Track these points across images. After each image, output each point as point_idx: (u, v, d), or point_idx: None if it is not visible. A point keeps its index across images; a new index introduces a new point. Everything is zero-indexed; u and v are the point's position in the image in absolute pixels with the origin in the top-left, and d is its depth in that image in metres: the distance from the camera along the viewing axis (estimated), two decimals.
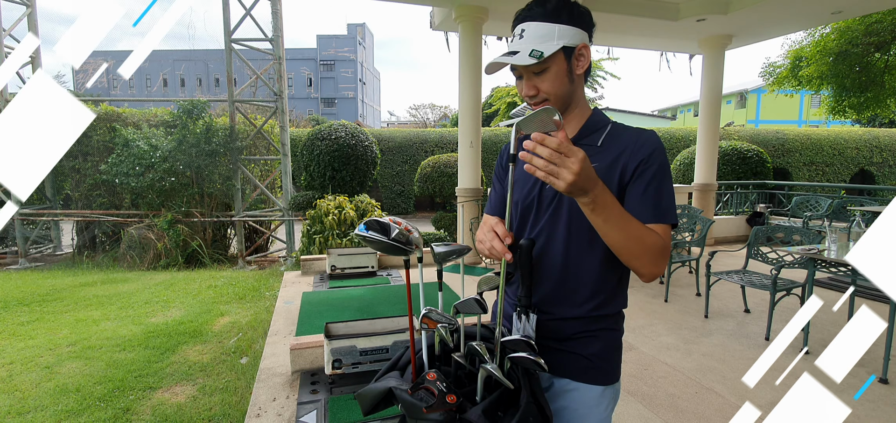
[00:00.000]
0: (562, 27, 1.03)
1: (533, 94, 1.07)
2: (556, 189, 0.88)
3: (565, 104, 1.09)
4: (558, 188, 0.87)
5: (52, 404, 2.89)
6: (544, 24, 1.02)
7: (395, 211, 14.53)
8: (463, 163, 5.75)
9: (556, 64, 1.04)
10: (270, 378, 2.64)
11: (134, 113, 8.91)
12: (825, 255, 3.13)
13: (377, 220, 1.05)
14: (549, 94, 1.06)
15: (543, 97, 1.07)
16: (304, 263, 5.12)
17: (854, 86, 9.33)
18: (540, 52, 1.01)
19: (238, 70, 8.20)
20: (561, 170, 0.85)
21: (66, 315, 4.61)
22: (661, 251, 0.99)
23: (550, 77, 1.05)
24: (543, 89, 1.06)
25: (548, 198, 1.10)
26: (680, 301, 4.32)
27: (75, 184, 8.57)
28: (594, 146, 1.09)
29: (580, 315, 1.09)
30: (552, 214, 1.09)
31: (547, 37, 1.02)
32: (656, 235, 0.99)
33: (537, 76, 1.05)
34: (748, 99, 30.43)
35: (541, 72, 1.05)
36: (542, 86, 1.06)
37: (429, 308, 1.04)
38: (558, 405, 1.12)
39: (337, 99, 42.37)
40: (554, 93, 1.06)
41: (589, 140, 1.10)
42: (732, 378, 2.82)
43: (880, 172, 16.90)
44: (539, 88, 1.06)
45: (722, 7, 5.55)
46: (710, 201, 7.17)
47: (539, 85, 1.06)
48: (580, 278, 1.08)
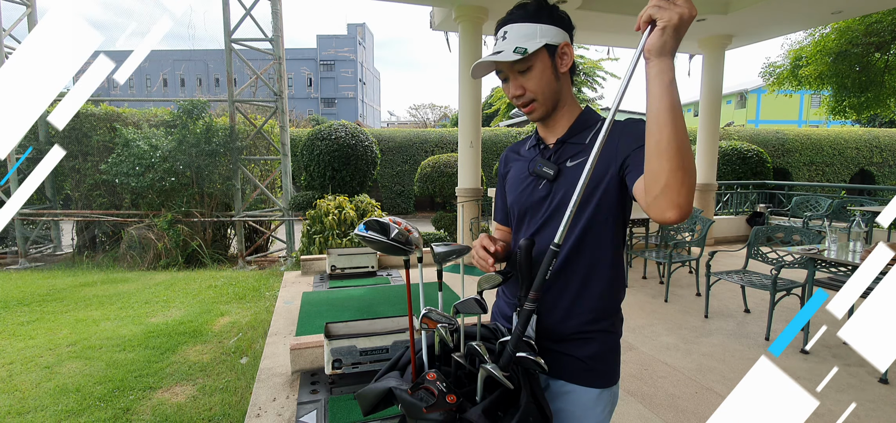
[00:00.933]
0: (543, 26, 1.05)
1: (520, 93, 1.08)
2: (667, 23, 0.80)
3: (553, 102, 1.10)
4: (671, 22, 0.79)
5: (52, 404, 2.89)
6: (526, 24, 1.05)
7: (395, 211, 14.53)
8: (463, 163, 5.75)
9: (540, 61, 1.05)
10: (270, 378, 2.64)
11: (134, 113, 8.91)
12: (825, 255, 3.13)
13: (377, 220, 1.06)
14: (535, 93, 1.07)
15: (531, 97, 1.08)
16: (304, 263, 5.12)
17: (854, 86, 9.33)
18: (523, 48, 1.03)
19: (238, 70, 8.20)
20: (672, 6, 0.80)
21: (66, 315, 4.61)
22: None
23: (536, 75, 1.06)
24: (530, 88, 1.07)
25: (544, 199, 1.10)
26: (680, 301, 4.32)
27: (75, 184, 8.57)
28: (582, 144, 1.09)
29: (576, 315, 1.09)
30: (549, 215, 1.09)
31: (530, 36, 1.04)
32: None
33: (523, 75, 1.07)
34: (748, 99, 30.42)
35: (526, 70, 1.06)
36: (528, 85, 1.07)
37: (429, 308, 1.04)
38: (555, 406, 1.11)
39: (337, 99, 42.37)
40: (540, 91, 1.07)
41: (578, 138, 1.10)
42: (732, 378, 2.82)
43: (880, 172, 16.90)
44: (526, 87, 1.07)
45: (722, 7, 5.55)
46: (710, 201, 7.17)
47: (525, 84, 1.07)
48: (577, 278, 1.08)
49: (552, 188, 1.09)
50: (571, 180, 1.06)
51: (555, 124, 1.14)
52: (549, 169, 1.09)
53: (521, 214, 1.15)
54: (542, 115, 1.11)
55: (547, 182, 1.10)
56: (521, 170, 1.18)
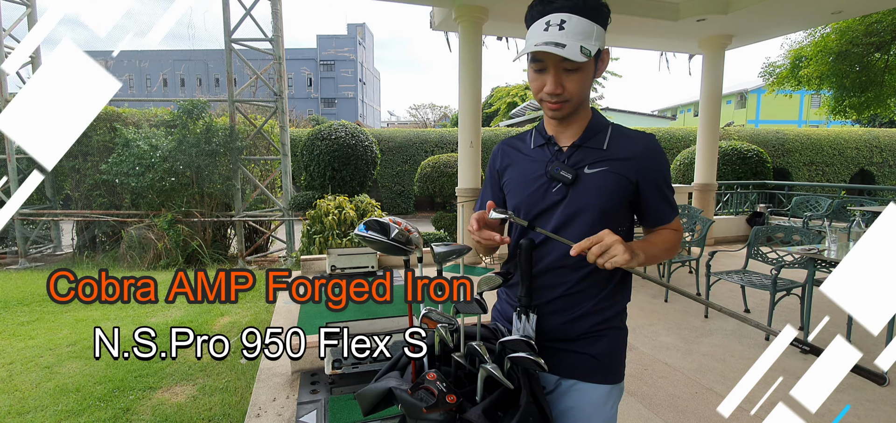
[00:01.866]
0: (599, 28, 1.00)
1: (559, 92, 1.03)
2: (618, 265, 0.95)
3: (580, 105, 1.08)
4: (619, 264, 0.95)
5: (52, 404, 2.89)
6: (587, 21, 0.98)
7: (395, 211, 14.52)
8: (463, 163, 5.75)
9: (588, 65, 1.02)
10: (270, 378, 2.64)
11: (134, 113, 8.90)
12: (825, 255, 3.13)
13: (377, 220, 1.06)
14: (573, 95, 1.04)
15: (567, 97, 1.04)
16: (304, 263, 5.12)
17: (854, 86, 9.33)
18: (589, 50, 0.97)
19: (238, 70, 8.20)
20: (610, 253, 0.95)
21: (66, 315, 4.61)
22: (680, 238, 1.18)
23: (580, 78, 1.02)
24: (569, 89, 1.03)
25: (558, 204, 1.09)
26: (680, 301, 4.32)
27: (75, 184, 8.57)
28: (600, 149, 1.09)
29: (587, 313, 1.09)
30: (563, 220, 1.08)
31: (588, 35, 0.98)
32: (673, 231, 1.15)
33: (567, 74, 1.02)
34: (748, 99, 30.42)
35: (573, 70, 1.01)
36: (569, 85, 1.02)
37: (429, 308, 1.04)
38: (565, 405, 1.12)
39: (337, 99, 42.35)
40: (578, 94, 1.04)
41: (594, 142, 1.10)
42: (732, 378, 2.82)
43: (880, 172, 16.89)
44: (566, 87, 1.02)
45: (722, 7, 5.54)
46: (710, 201, 7.17)
47: (567, 83, 1.02)
48: (586, 277, 1.09)
49: (568, 193, 1.07)
50: (589, 187, 1.07)
51: (570, 125, 1.12)
52: (567, 173, 1.06)
53: (530, 216, 1.13)
54: (567, 114, 1.08)
55: (562, 186, 1.08)
56: (530, 169, 1.14)
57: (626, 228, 1.13)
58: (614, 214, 1.07)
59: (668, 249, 1.13)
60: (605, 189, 1.06)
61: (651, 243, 1.10)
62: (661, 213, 1.13)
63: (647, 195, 1.10)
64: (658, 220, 1.14)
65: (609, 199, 1.06)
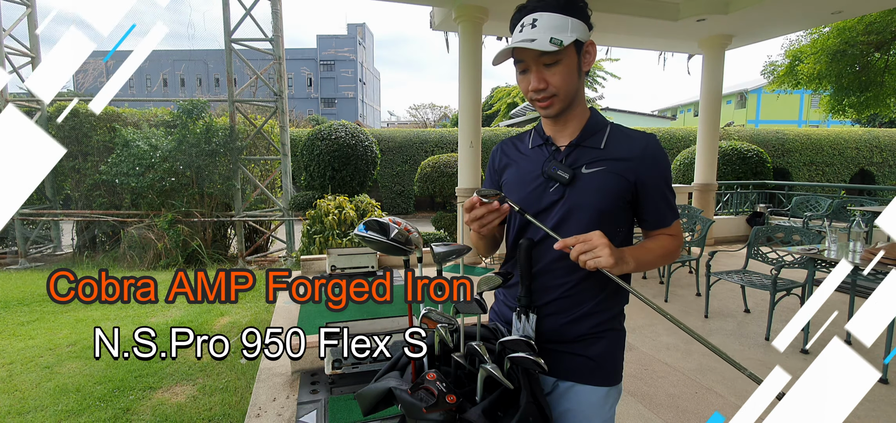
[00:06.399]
0: (574, 20, 1.02)
1: (542, 87, 1.04)
2: (602, 267, 0.96)
3: (570, 100, 1.08)
4: (603, 266, 0.95)
5: (52, 404, 2.89)
6: (558, 15, 1.01)
7: (395, 211, 14.52)
8: (463, 163, 5.75)
9: (568, 57, 1.03)
10: (270, 378, 2.64)
11: (134, 113, 8.91)
12: (825, 255, 3.13)
13: (377, 220, 1.06)
14: (558, 89, 1.04)
15: (552, 92, 1.05)
16: (304, 263, 5.12)
17: (853, 85, 9.34)
18: (559, 40, 0.99)
19: (238, 70, 8.20)
20: (595, 254, 0.95)
21: (66, 315, 4.61)
22: (679, 245, 1.16)
23: (562, 70, 1.03)
24: (553, 83, 1.04)
25: (556, 203, 1.09)
26: (680, 301, 4.31)
27: (75, 184, 8.57)
28: (597, 148, 1.09)
29: (585, 315, 1.09)
30: (556, 215, 1.09)
31: (562, 28, 1.00)
32: (671, 237, 1.13)
33: (548, 69, 1.03)
34: (748, 99, 30.42)
35: (553, 64, 1.03)
36: (552, 80, 1.04)
37: (429, 308, 1.04)
38: (563, 407, 1.11)
39: (337, 99, 42.35)
40: (563, 87, 1.05)
41: (591, 142, 1.10)
42: (732, 378, 2.82)
43: (880, 172, 16.89)
44: (549, 81, 1.04)
45: (722, 7, 5.54)
46: (710, 201, 7.16)
47: (549, 78, 1.04)
48: (585, 279, 1.08)
49: (565, 193, 1.07)
50: (587, 187, 1.06)
51: (566, 124, 1.12)
52: (564, 173, 1.07)
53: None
54: (559, 111, 1.08)
55: (559, 186, 1.08)
56: (527, 169, 1.14)
57: (624, 229, 1.11)
58: (612, 214, 1.07)
59: (664, 256, 1.11)
60: (602, 189, 1.06)
61: (646, 249, 1.09)
62: (659, 215, 1.12)
63: (645, 197, 1.09)
64: (657, 222, 1.12)
65: (606, 199, 1.05)
